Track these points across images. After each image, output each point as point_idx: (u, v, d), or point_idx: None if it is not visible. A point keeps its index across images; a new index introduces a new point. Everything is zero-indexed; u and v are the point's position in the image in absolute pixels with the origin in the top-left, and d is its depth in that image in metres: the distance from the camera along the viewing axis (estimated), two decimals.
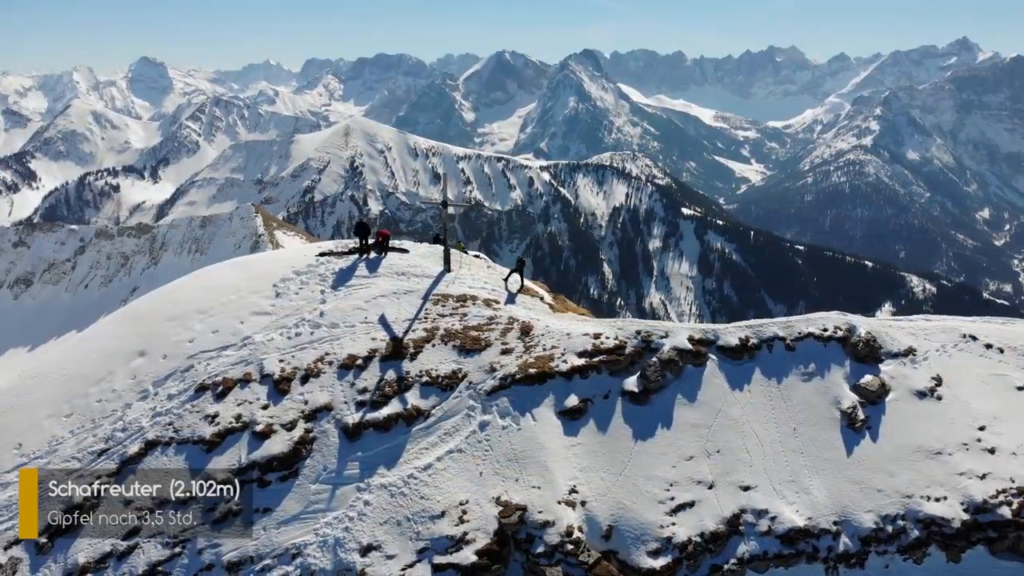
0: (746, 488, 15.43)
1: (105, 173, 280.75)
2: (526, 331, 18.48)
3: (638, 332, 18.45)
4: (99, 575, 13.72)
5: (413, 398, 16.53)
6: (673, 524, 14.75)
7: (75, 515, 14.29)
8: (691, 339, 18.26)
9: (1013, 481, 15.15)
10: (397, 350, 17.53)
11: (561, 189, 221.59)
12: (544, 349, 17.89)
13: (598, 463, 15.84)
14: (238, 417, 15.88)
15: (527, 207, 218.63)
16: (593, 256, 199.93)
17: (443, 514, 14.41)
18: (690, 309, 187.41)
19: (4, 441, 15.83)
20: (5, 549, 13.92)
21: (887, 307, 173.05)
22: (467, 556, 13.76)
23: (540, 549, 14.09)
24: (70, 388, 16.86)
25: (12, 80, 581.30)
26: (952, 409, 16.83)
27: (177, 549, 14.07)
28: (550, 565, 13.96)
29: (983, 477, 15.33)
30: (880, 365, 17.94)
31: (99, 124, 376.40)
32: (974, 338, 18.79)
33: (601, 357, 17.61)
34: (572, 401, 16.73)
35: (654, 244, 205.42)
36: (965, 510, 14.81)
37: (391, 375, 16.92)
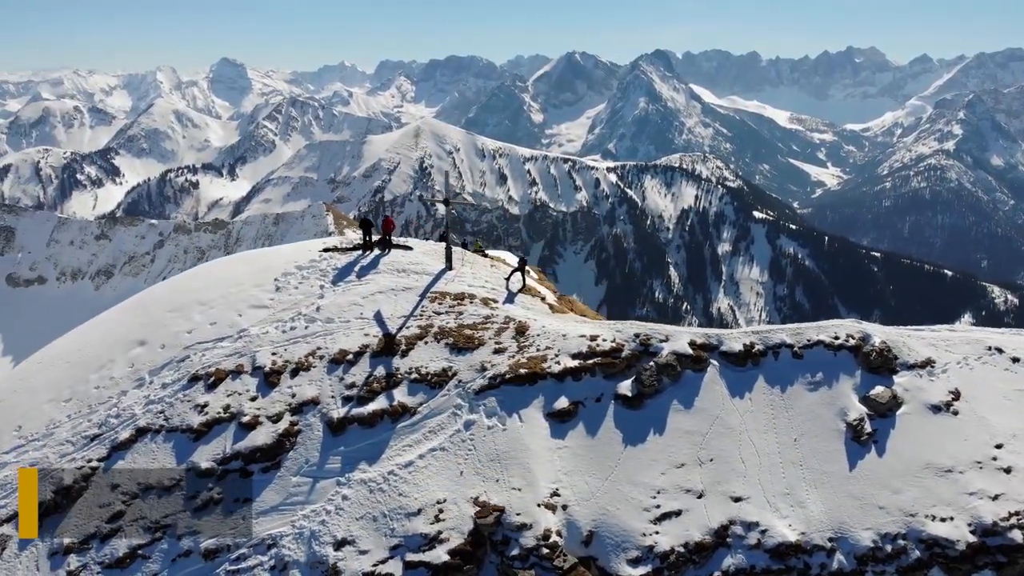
0: (737, 499, 15.07)
1: (185, 170, 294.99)
2: (521, 331, 18.50)
3: (637, 335, 18.26)
4: (82, 555, 14.31)
5: (400, 395, 16.73)
6: (656, 533, 14.52)
7: (65, 496, 14.93)
8: (692, 344, 17.97)
9: None
10: (388, 346, 17.79)
11: (628, 190, 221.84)
12: (538, 350, 17.87)
13: (584, 467, 15.72)
14: (226, 408, 16.37)
15: (592, 208, 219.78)
16: (659, 259, 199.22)
17: (419, 512, 14.53)
18: (760, 315, 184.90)
19: (5, 422, 16.71)
20: None
21: (966, 318, 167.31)
22: (439, 555, 13.84)
23: (515, 552, 14.06)
24: (72, 373, 17.70)
25: (99, 79, 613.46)
26: (968, 425, 16.09)
27: (158, 534, 14.58)
28: (524, 568, 13.91)
29: (995, 498, 14.60)
30: (894, 377, 17.30)
31: (180, 123, 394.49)
32: (1000, 351, 17.94)
33: (596, 359, 17.50)
34: (562, 403, 16.66)
35: (723, 248, 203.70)
36: (972, 532, 14.13)
37: (380, 371, 17.18)
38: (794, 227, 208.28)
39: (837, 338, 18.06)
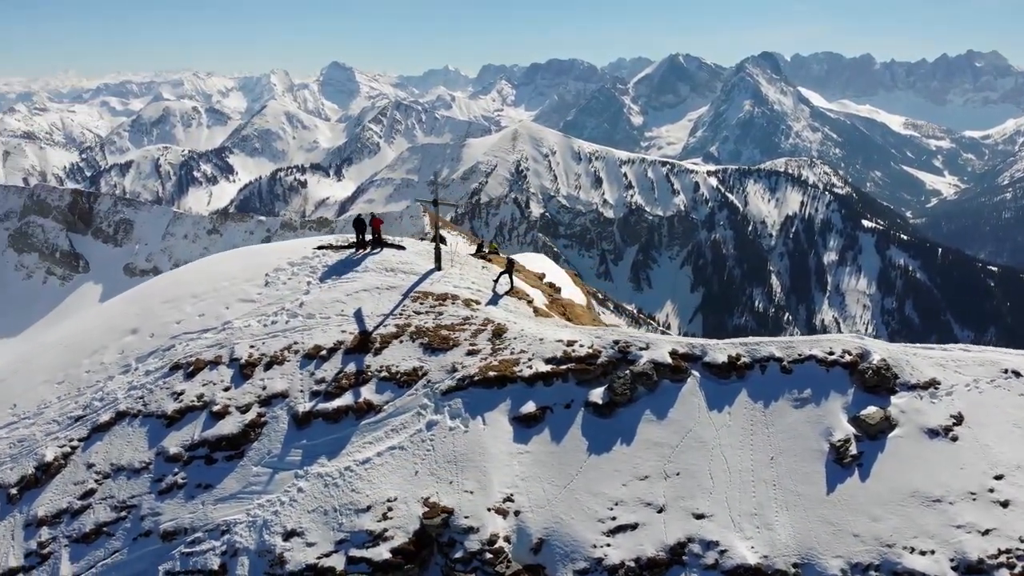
0: (700, 516, 14.71)
1: (294, 170, 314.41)
2: (498, 333, 18.66)
3: (616, 342, 18.11)
4: (53, 528, 15.40)
5: (368, 392, 17.20)
6: (608, 545, 14.35)
7: (44, 472, 16.11)
8: (674, 353, 17.67)
9: (1022, 541, 13.37)
10: (363, 344, 18.32)
11: (729, 195, 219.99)
12: (512, 353, 17.99)
13: (543, 473, 15.71)
14: (200, 396, 17.27)
15: (690, 213, 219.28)
16: (760, 267, 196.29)
17: (369, 509, 14.89)
18: (866, 329, 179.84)
19: (2, 400, 18.18)
20: None
21: None
22: (381, 552, 14.15)
23: (459, 554, 14.21)
24: (67, 358, 19.11)
25: (216, 81, 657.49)
26: (967, 452, 15.14)
27: (123, 513, 15.52)
28: (466, 572, 14.03)
29: (986, 533, 13.68)
30: (892, 397, 16.48)
31: (291, 124, 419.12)
32: (1018, 374, 16.81)
33: (570, 365, 17.46)
34: (529, 408, 16.71)
35: (829, 257, 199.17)
36: (954, 568, 13.29)
37: (351, 368, 17.71)
38: (905, 237, 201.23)
39: (831, 353, 17.35)
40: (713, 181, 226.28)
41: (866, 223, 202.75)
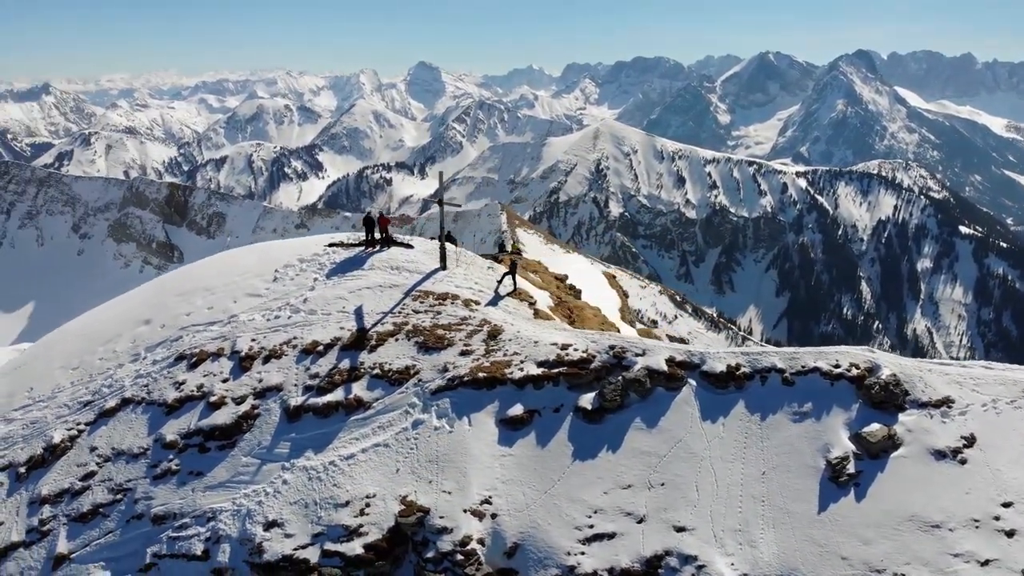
0: (681, 529, 14.40)
1: (380, 168, 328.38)
2: (493, 335, 18.73)
3: (612, 347, 17.92)
4: (55, 507, 16.30)
5: (359, 389, 17.53)
6: (582, 554, 14.20)
7: (51, 453, 17.08)
8: (670, 360, 17.37)
9: None
10: (359, 341, 18.68)
11: (819, 197, 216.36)
12: (505, 354, 18.02)
13: (525, 477, 15.68)
14: (199, 387, 17.97)
15: (777, 215, 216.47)
16: (850, 273, 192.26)
17: (347, 504, 15.19)
18: (960, 340, 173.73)
19: (21, 383, 19.36)
20: None
21: None
22: (354, 547, 14.41)
23: (431, 554, 14.34)
24: (83, 345, 20.19)
25: (308, 80, 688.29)
26: (975, 477, 14.32)
27: (119, 496, 16.29)
28: (435, 572, 14.12)
29: (985, 563, 12.92)
30: (900, 415, 15.75)
31: (378, 123, 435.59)
32: None
33: (562, 369, 17.37)
34: (516, 410, 16.70)
35: (923, 264, 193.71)
36: None
37: (345, 364, 18.09)
38: (1005, 245, 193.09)
39: (837, 366, 16.70)
40: (802, 182, 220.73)
41: (964, 229, 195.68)
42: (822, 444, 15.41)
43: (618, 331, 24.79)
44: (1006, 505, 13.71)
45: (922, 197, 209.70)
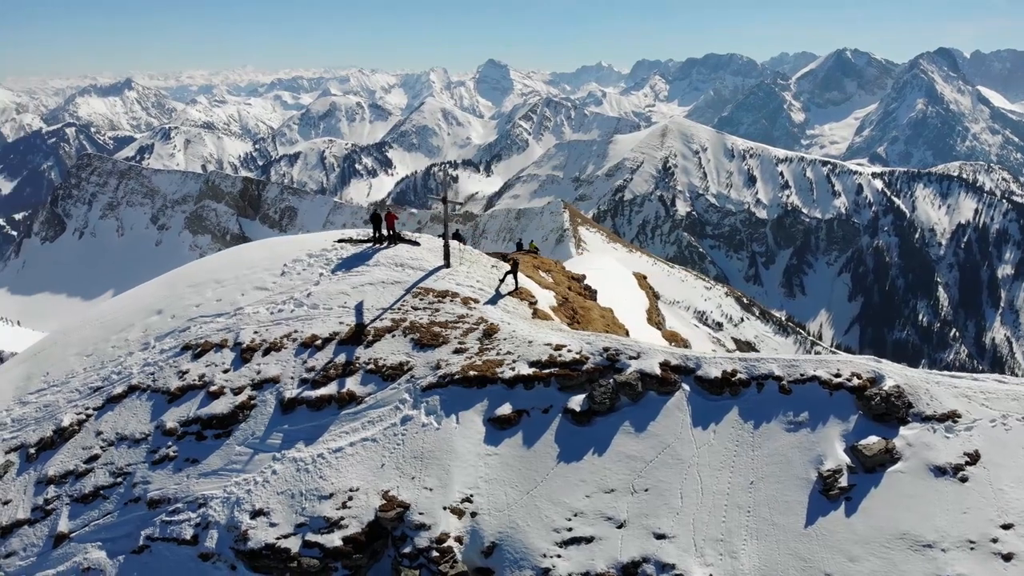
0: (661, 536, 14.15)
1: (447, 165, 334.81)
2: (489, 333, 18.72)
3: (605, 349, 17.71)
4: (60, 487, 17.02)
5: (353, 383, 17.76)
6: (558, 556, 14.09)
7: (60, 436, 17.84)
8: (664, 364, 17.07)
9: None
10: (356, 336, 18.93)
11: (895, 199, 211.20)
12: (498, 353, 18.00)
13: (508, 477, 15.64)
14: (201, 376, 18.49)
15: (851, 217, 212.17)
16: (927, 278, 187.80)
17: (331, 496, 15.42)
18: None
19: (39, 368, 20.27)
20: (6, 452, 17.90)
21: None
22: (333, 539, 14.62)
23: (407, 549, 14.44)
24: (99, 333, 21.01)
25: (380, 78, 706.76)
26: (975, 496, 13.65)
27: (119, 479, 16.91)
28: (410, 567, 14.21)
29: None
30: (902, 428, 15.14)
31: (447, 121, 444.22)
32: None
33: (553, 370, 17.26)
34: (505, 410, 16.68)
35: (1004, 271, 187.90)
36: None
37: (341, 358, 18.35)
38: None
39: (838, 375, 16.14)
40: (878, 184, 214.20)
41: None
42: (815, 455, 14.91)
43: (626, 333, 24.48)
44: (1006, 527, 13.02)
45: (1004, 201, 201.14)
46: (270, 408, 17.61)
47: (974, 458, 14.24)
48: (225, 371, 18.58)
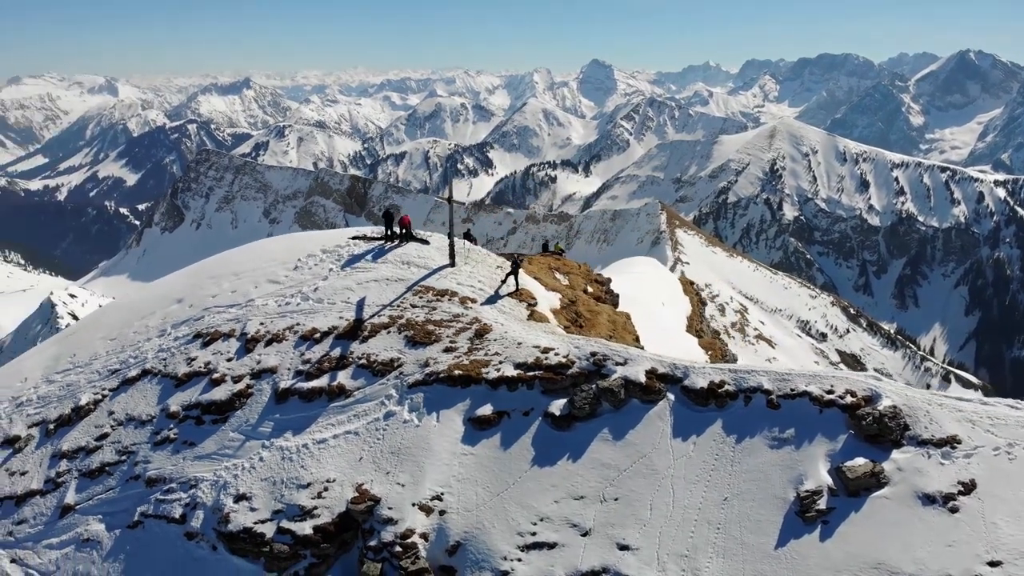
0: (624, 547, 13.77)
1: (546, 165, 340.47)
2: (481, 333, 18.68)
3: (593, 354, 17.36)
4: (71, 462, 18.07)
5: (344, 377, 18.07)
6: (519, 560, 13.92)
7: (77, 414, 18.93)
8: (651, 372, 16.60)
9: None
10: (353, 331, 19.25)
11: (1020, 209, 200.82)
12: (486, 354, 17.93)
13: (481, 478, 15.56)
14: (207, 364, 19.23)
15: (971, 226, 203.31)
16: None
17: (308, 486, 15.74)
18: None
19: (68, 349, 21.58)
20: (28, 427, 19.14)
21: None
22: (304, 528, 14.92)
23: (373, 543, 14.58)
24: (125, 318, 22.19)
25: (484, 79, 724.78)
26: (964, 528, 12.64)
27: (123, 457, 17.80)
28: (373, 560, 14.34)
29: None
30: (895, 451, 14.22)
31: (547, 121, 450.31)
32: None
33: (538, 372, 17.06)
34: (485, 410, 16.60)
35: None
36: None
37: (336, 352, 18.71)
38: None
39: (830, 392, 15.27)
40: (1001, 192, 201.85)
41: None
42: (796, 475, 14.15)
43: (636, 339, 23.88)
44: (993, 564, 11.98)
45: None
46: (265, 397, 18.12)
47: (968, 488, 13.18)
48: (229, 360, 19.25)
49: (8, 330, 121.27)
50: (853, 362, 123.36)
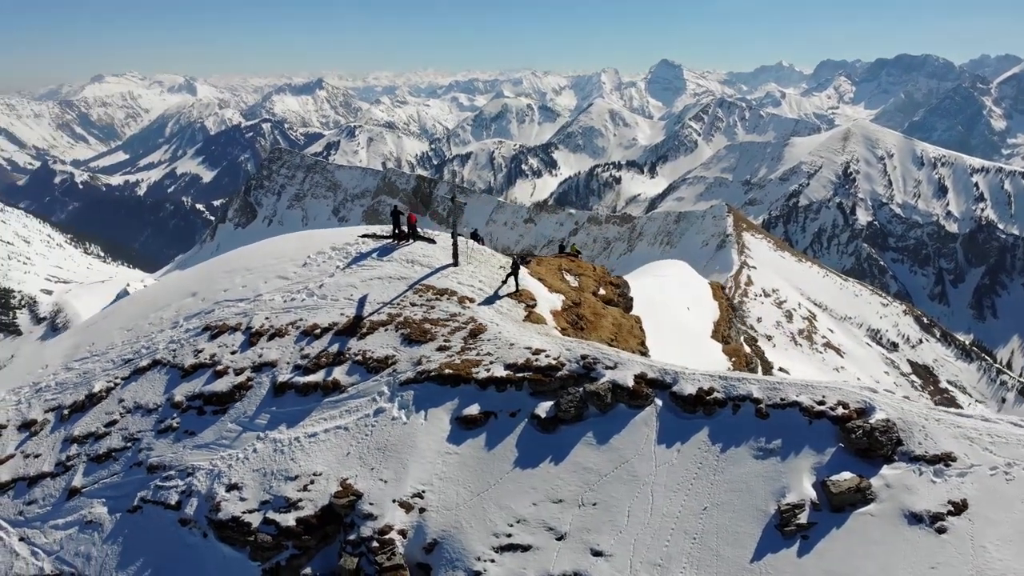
0: (598, 553, 13.55)
1: (611, 166, 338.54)
2: (475, 333, 18.65)
3: (583, 357, 17.15)
4: (81, 446, 18.77)
5: (339, 373, 18.29)
6: (492, 561, 13.85)
7: (90, 401, 19.65)
8: (640, 377, 16.30)
9: None
10: (353, 328, 19.45)
11: None
12: (478, 354, 17.90)
13: (463, 477, 15.54)
14: (212, 356, 19.72)
15: None
16: None
17: (296, 478, 15.97)
18: None
19: (87, 338, 22.40)
20: (44, 412, 19.95)
21: None
22: (288, 519, 15.15)
23: (352, 536, 14.69)
24: (141, 310, 22.94)
25: (551, 79, 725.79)
26: (950, 550, 12.03)
27: (129, 443, 18.39)
28: (350, 554, 14.45)
29: None
30: (885, 466, 13.62)
31: (613, 122, 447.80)
32: None
33: (527, 374, 16.94)
34: (473, 410, 16.57)
35: None
36: None
37: (334, 348, 18.94)
38: None
39: (821, 403, 14.73)
40: None
41: None
42: (779, 487, 13.68)
43: (642, 344, 23.47)
44: None
45: None
46: (264, 390, 18.48)
47: (959, 508, 12.51)
48: (233, 352, 19.70)
49: (86, 319, 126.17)
50: (925, 373, 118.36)
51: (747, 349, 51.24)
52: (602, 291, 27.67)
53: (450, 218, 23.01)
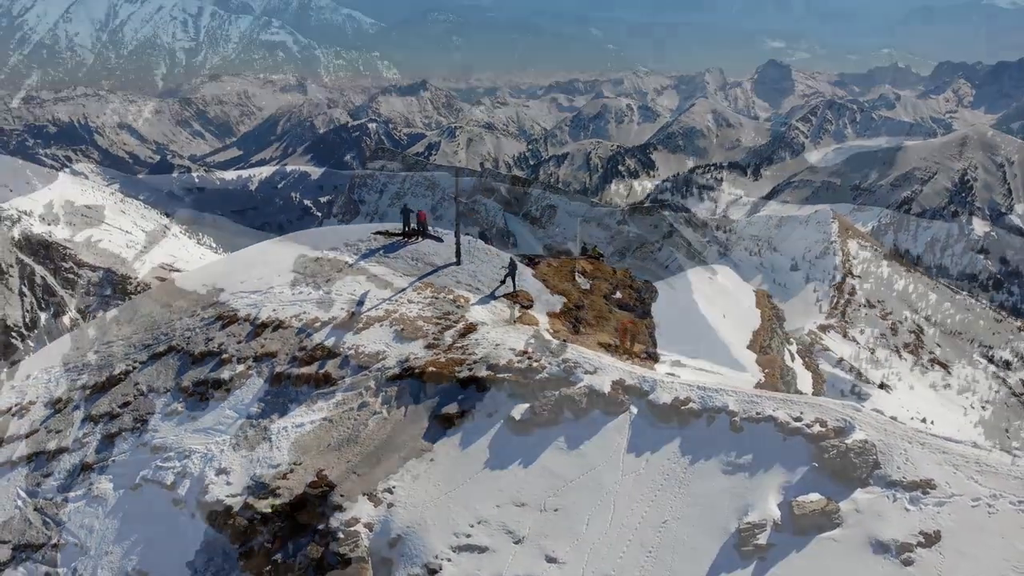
0: (552, 560, 13.33)
1: (711, 168, 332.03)
2: (465, 332, 18.64)
3: (565, 361, 16.84)
4: (96, 425, 19.84)
5: (331, 366, 18.64)
6: (448, 560, 13.81)
7: (109, 382, 20.76)
8: (617, 383, 15.93)
9: None
10: (350, 323, 19.75)
11: None
12: (464, 353, 17.87)
13: (434, 474, 15.57)
14: (220, 344, 20.46)
15: None
16: None
17: (277, 466, 16.38)
18: None
19: (117, 323, 23.59)
20: (71, 390, 21.21)
21: None
22: (264, 506, 15.52)
23: (321, 527, 14.93)
24: (168, 298, 23.98)
25: (653, 79, 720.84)
26: None
27: (137, 424, 19.32)
28: (318, 544, 14.70)
29: None
30: (859, 490, 12.84)
31: (716, 122, 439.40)
32: None
33: (507, 375, 16.80)
34: (451, 409, 16.58)
35: None
36: None
37: (330, 342, 19.32)
38: None
39: (798, 419, 14.01)
40: None
41: None
42: (743, 504, 13.08)
43: (645, 348, 22.83)
44: None
45: None
46: (262, 379, 19.04)
47: (931, 539, 11.62)
48: (239, 342, 20.38)
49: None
50: None
51: (789, 362, 48.89)
52: (618, 294, 27.11)
53: (542, 218, 22.95)
